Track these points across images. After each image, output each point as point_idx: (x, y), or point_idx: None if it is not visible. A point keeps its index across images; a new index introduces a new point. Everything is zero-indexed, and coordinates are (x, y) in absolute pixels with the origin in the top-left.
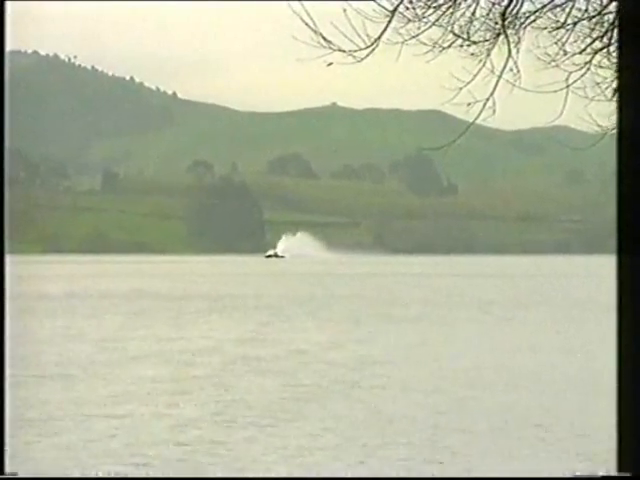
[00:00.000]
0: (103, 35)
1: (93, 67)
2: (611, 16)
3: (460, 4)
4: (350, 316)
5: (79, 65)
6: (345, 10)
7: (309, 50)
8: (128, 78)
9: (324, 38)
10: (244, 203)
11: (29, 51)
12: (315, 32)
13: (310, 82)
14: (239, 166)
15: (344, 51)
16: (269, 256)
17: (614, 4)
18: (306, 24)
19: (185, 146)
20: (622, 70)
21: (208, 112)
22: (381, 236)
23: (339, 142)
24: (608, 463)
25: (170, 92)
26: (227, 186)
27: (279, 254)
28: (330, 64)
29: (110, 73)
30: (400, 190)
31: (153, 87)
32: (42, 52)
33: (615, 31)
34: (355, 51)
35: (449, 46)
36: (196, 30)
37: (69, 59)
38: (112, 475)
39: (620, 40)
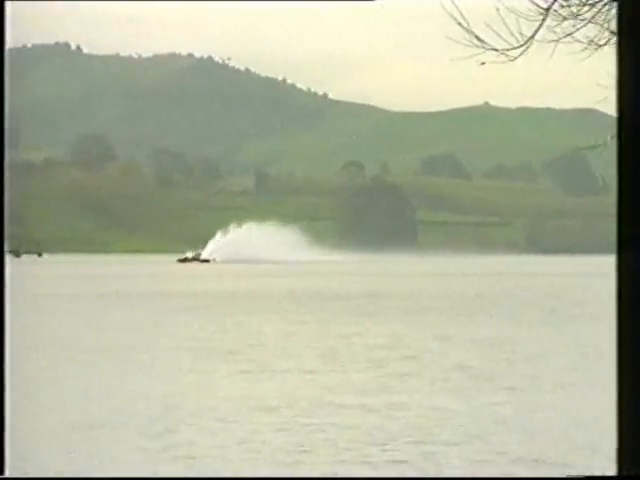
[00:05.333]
0: (257, 37)
1: (246, 69)
2: None
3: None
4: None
5: (233, 67)
6: (498, 9)
7: (462, 49)
8: (280, 79)
9: (477, 37)
10: (395, 203)
11: (184, 53)
12: (468, 31)
13: (462, 81)
14: (390, 166)
15: (497, 50)
16: (183, 260)
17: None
18: (459, 23)
19: (336, 146)
20: (622, 70)
21: (359, 112)
22: (533, 236)
23: (491, 141)
24: None
25: (321, 93)
26: (378, 186)
27: (202, 257)
28: (483, 63)
29: (263, 74)
30: (553, 190)
31: (304, 88)
32: (197, 55)
33: None
34: (508, 50)
35: (605, 44)
36: (347, 31)
37: (223, 61)
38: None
39: (620, 40)
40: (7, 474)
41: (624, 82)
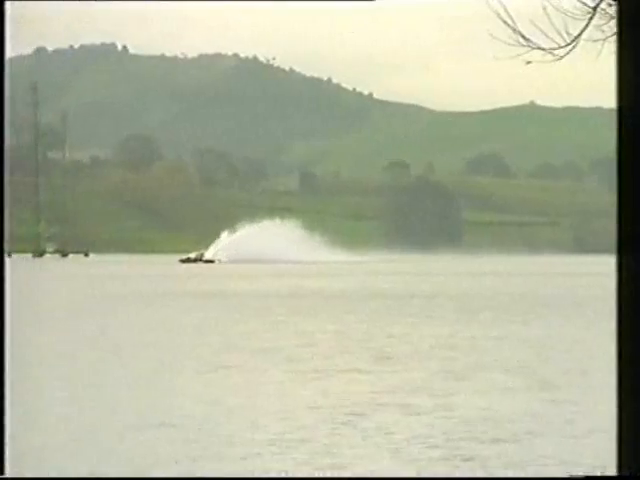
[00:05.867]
0: (302, 37)
1: (291, 68)
2: None
3: None
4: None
5: (277, 67)
6: (545, 8)
7: (507, 49)
8: (325, 79)
9: (523, 36)
10: (441, 203)
11: (229, 54)
12: (514, 30)
13: (508, 81)
14: (435, 166)
15: (543, 49)
16: (186, 260)
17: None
18: (505, 22)
19: (381, 146)
20: (622, 70)
21: (404, 112)
22: (580, 236)
23: (537, 141)
24: None
25: (366, 92)
26: (424, 186)
27: (206, 257)
28: (529, 62)
29: (308, 74)
30: (600, 189)
31: (350, 88)
32: (242, 55)
33: None
34: (555, 49)
35: None
36: (392, 30)
37: (268, 61)
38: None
39: (620, 40)
40: (7, 474)
41: (624, 81)
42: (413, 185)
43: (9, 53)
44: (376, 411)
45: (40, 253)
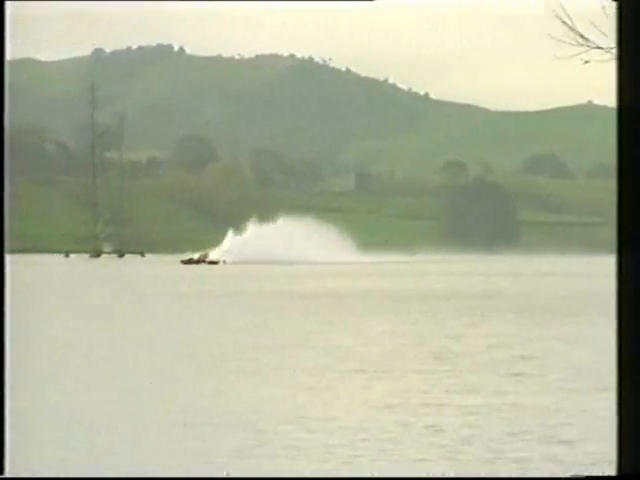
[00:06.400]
0: (358, 37)
1: (347, 69)
2: None
3: None
4: None
5: (333, 67)
6: (604, 7)
7: (565, 48)
8: (381, 79)
9: (581, 36)
10: (498, 203)
11: (285, 54)
12: (572, 30)
13: (566, 80)
14: (492, 166)
15: (601, 48)
16: (189, 261)
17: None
18: (563, 22)
19: (437, 146)
20: (622, 70)
21: (461, 112)
22: None
23: (595, 141)
24: None
25: (422, 93)
26: (480, 186)
27: (210, 258)
28: (587, 62)
29: (364, 74)
30: None
31: (406, 88)
32: (298, 55)
33: None
34: (613, 48)
35: None
36: (448, 30)
37: (324, 61)
38: None
39: (620, 39)
40: (7, 474)
41: (624, 81)
42: (469, 185)
43: (68, 54)
44: (440, 410)
45: (97, 253)
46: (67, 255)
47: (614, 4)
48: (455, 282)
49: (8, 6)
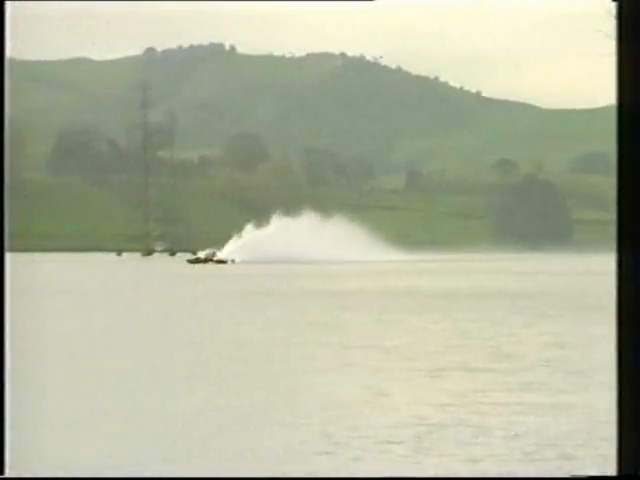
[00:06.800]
0: (409, 35)
1: (398, 67)
2: None
3: None
4: None
5: (384, 66)
6: None
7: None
8: (432, 77)
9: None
10: (549, 201)
11: (336, 53)
12: None
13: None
14: (544, 164)
15: None
16: (195, 261)
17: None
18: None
19: (489, 145)
20: (622, 70)
21: (512, 110)
22: None
23: None
24: None
25: (474, 91)
26: (532, 184)
27: (217, 257)
28: None
29: (415, 73)
30: None
31: (457, 86)
32: (349, 54)
33: None
34: None
35: None
36: (500, 28)
37: (375, 60)
38: None
39: (620, 39)
40: (7, 474)
41: (624, 80)
42: (521, 183)
43: (120, 54)
44: (496, 410)
45: (149, 252)
46: (119, 254)
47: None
48: (507, 281)
49: (8, 6)
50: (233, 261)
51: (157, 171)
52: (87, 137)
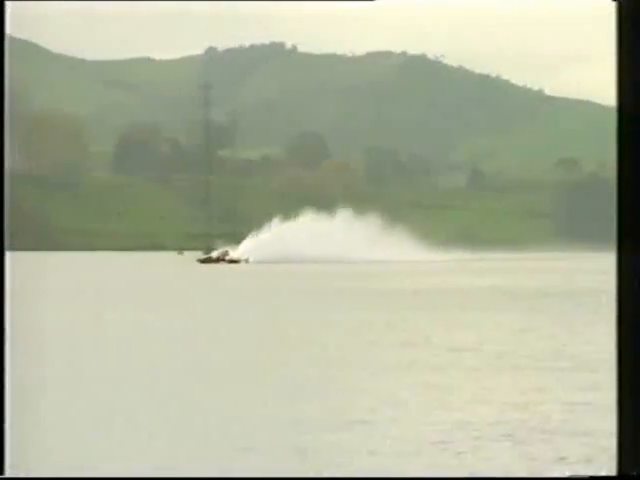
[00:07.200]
0: (470, 34)
1: (460, 66)
2: None
3: None
4: None
5: (446, 64)
6: None
7: None
8: (494, 76)
9: None
10: (612, 200)
11: (398, 51)
12: None
13: None
14: (607, 162)
15: None
16: (205, 260)
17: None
18: None
19: (551, 143)
20: (622, 69)
21: (575, 108)
22: None
23: None
24: None
25: (536, 89)
26: (595, 183)
27: (229, 257)
28: None
29: (477, 71)
30: None
31: (519, 84)
32: (410, 52)
33: None
34: None
35: None
36: (561, 25)
37: (436, 58)
38: None
39: (620, 39)
40: (7, 474)
41: (624, 80)
42: (584, 182)
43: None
44: (572, 412)
45: (210, 250)
46: (181, 252)
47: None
48: (571, 279)
49: (8, 6)
50: (247, 261)
51: (219, 170)
52: (149, 136)
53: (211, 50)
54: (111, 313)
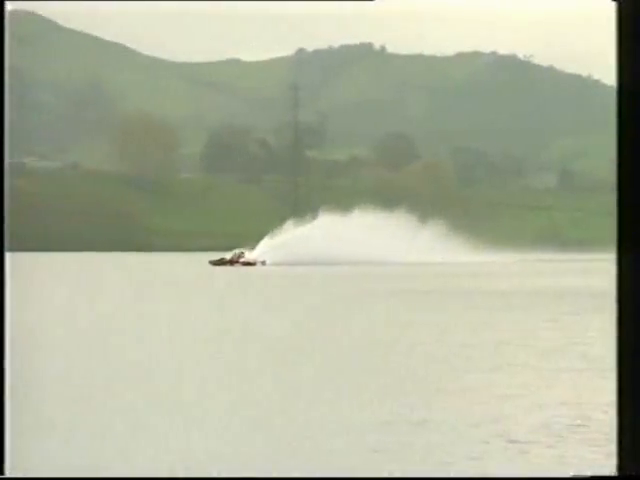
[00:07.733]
0: (561, 33)
1: (550, 65)
2: None
3: None
4: None
5: (536, 64)
6: None
7: None
8: (585, 75)
9: None
10: None
11: (487, 51)
12: None
13: None
14: None
15: None
16: (219, 262)
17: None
18: None
19: None
20: (621, 69)
21: None
22: None
23: None
24: None
25: None
26: None
27: (244, 259)
28: None
29: (567, 71)
30: None
31: (610, 84)
32: (500, 52)
33: None
34: None
35: None
36: None
37: (526, 58)
38: None
39: (620, 39)
40: (7, 474)
41: (624, 79)
42: None
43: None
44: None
45: None
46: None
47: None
48: None
49: (8, 6)
50: (263, 263)
51: (307, 171)
52: (239, 137)
53: (300, 51)
54: (218, 314)
